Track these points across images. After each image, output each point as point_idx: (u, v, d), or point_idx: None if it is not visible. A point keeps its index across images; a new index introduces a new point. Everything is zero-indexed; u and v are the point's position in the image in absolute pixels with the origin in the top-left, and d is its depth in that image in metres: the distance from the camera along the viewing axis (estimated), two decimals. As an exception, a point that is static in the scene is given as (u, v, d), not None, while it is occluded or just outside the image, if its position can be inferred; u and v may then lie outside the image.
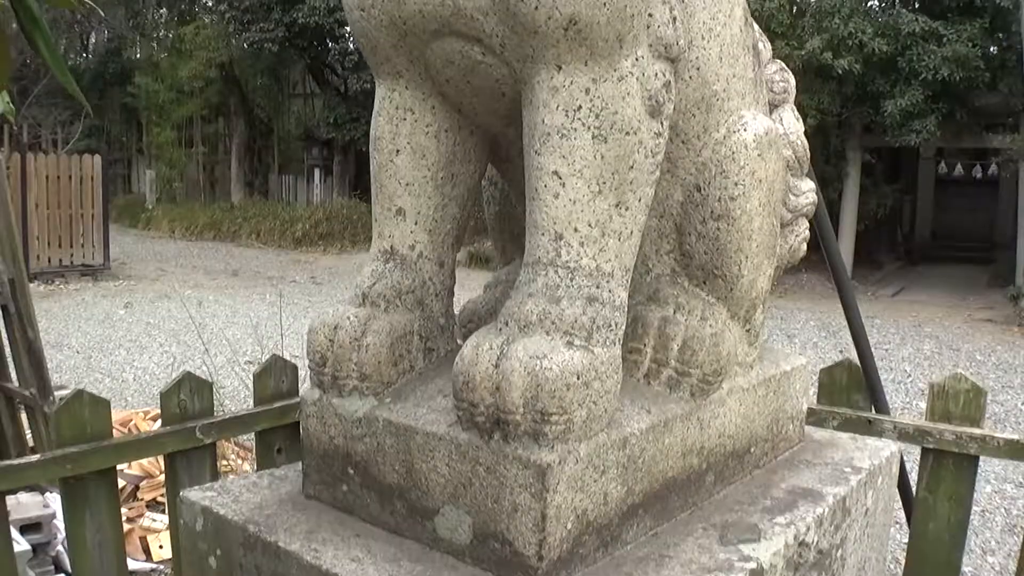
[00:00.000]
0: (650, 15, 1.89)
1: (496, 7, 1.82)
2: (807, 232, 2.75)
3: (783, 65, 2.71)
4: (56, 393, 6.78)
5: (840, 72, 14.54)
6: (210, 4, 24.72)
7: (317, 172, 25.44)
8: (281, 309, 11.52)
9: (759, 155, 2.20)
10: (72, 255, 16.72)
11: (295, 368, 3.54)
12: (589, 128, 1.86)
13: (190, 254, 20.44)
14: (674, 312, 2.22)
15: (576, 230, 1.89)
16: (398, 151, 2.17)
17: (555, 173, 1.87)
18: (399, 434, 2.03)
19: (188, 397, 3.23)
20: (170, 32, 29.23)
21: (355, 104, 22.73)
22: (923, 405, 9.22)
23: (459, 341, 2.38)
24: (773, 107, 2.63)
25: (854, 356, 3.64)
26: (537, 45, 1.83)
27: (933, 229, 24.00)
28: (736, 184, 2.17)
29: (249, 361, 9.43)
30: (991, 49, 15.65)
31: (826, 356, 10.78)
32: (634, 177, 1.91)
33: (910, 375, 10.71)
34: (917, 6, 15.81)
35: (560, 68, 1.85)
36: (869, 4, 16.37)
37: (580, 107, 1.86)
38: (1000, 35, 15.58)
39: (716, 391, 2.25)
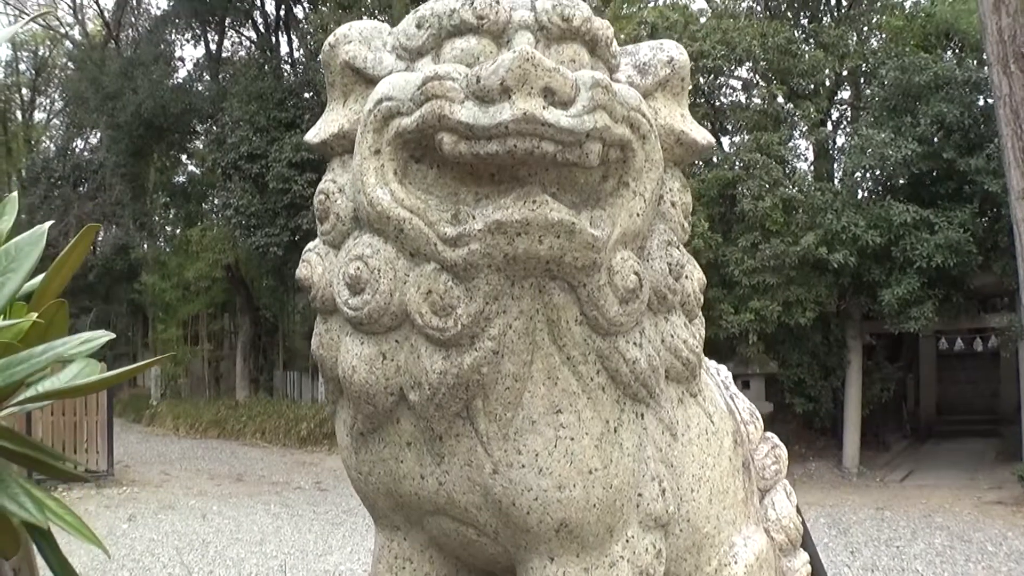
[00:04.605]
0: (640, 495, 1.95)
1: (489, 505, 1.89)
2: (801, 609, 2.76)
3: (776, 441, 2.77)
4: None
5: (836, 265, 14.74)
6: (216, 203, 25.28)
7: (322, 370, 25.35)
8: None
9: (750, 582, 2.24)
10: (75, 461, 16.57)
11: None
12: (583, 617, 1.89)
13: (194, 455, 20.26)
14: None
15: None
16: (398, 601, 2.20)
17: None
18: None
19: None
20: (177, 229, 29.84)
21: (359, 303, 22.68)
22: (937, 613, 9.07)
23: None
24: (765, 492, 2.67)
25: (866, 557, 3.60)
26: (530, 540, 1.89)
27: (938, 404, 23.91)
28: (730, 622, 2.20)
29: (252, 588, 9.33)
30: (983, 221, 15.83)
31: (836, 559, 10.58)
32: None
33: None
34: (907, 196, 16.09)
35: (553, 559, 1.91)
36: (860, 197, 16.70)
37: (573, 598, 1.90)
38: (994, 210, 15.82)
39: None
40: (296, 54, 25.83)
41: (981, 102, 15.71)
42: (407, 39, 2.04)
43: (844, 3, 19.30)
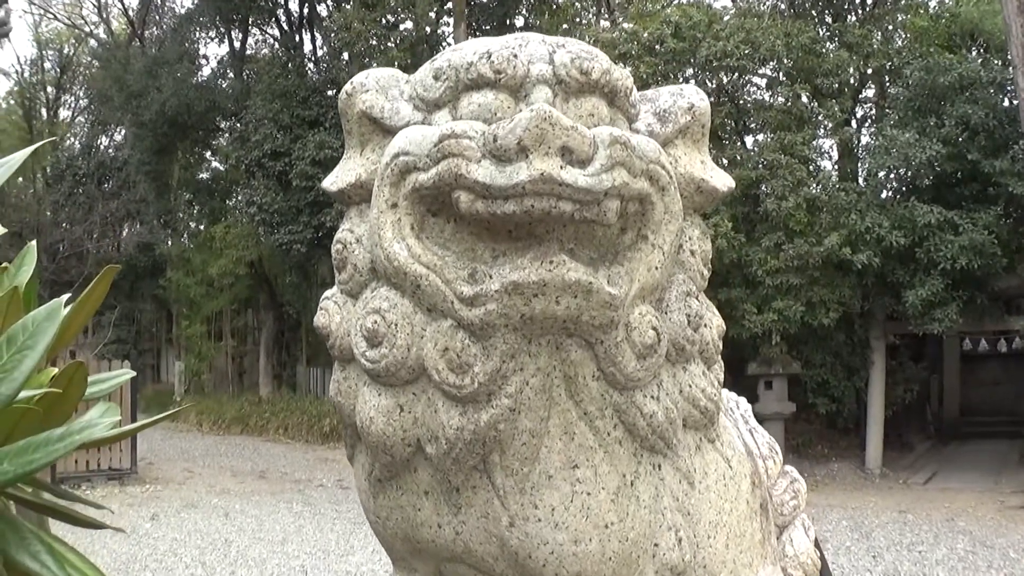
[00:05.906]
0: (656, 545, 1.95)
1: (506, 556, 1.90)
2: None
3: (795, 475, 2.76)
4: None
5: (860, 266, 14.65)
6: (240, 200, 25.35)
7: (345, 365, 25.37)
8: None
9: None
10: (99, 459, 16.58)
11: None
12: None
13: (217, 452, 20.32)
14: None
15: None
16: (417, 643, 2.21)
17: None
18: None
19: None
20: (201, 226, 29.99)
21: (380, 298, 22.72)
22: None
23: None
24: (783, 528, 2.66)
25: (888, 562, 3.59)
26: (546, 597, 1.90)
27: (961, 405, 23.75)
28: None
29: (274, 588, 9.36)
30: (1007, 222, 15.70)
31: (859, 563, 10.53)
32: None
33: (943, 582, 10.42)
34: (932, 197, 15.98)
35: (571, 613, 1.91)
36: (884, 198, 16.59)
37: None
38: (1018, 212, 15.70)
39: None
40: (320, 52, 25.91)
41: (1006, 103, 15.58)
42: (424, 90, 2.05)
43: (868, 2, 19.17)
